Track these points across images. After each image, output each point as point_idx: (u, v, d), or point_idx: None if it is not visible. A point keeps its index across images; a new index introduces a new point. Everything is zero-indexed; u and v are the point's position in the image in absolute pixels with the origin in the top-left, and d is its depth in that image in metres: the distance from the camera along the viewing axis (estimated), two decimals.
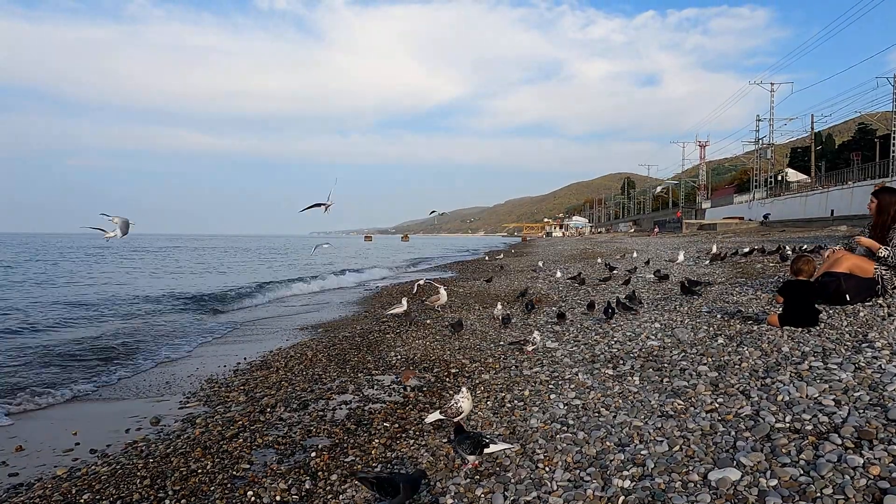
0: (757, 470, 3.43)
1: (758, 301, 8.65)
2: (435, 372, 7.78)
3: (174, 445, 5.64)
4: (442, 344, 9.57)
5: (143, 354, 10.74)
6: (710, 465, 3.61)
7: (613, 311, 9.24)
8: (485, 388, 6.57)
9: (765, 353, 5.65)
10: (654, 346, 6.85)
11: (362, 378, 7.83)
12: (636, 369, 6.07)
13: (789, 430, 3.85)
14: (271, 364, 9.17)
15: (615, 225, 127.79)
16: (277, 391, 7.47)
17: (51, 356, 10.44)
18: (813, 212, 47.96)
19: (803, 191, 56.74)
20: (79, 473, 5.12)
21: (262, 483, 4.65)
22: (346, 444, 5.39)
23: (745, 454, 3.61)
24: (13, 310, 16.95)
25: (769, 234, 31.09)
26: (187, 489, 4.64)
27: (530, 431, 4.87)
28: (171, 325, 14.55)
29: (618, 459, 3.98)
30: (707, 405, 4.61)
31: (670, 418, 4.51)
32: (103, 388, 8.50)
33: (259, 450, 5.42)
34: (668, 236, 49.82)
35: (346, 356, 9.26)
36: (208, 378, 8.65)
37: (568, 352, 7.54)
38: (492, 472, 4.21)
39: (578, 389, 5.77)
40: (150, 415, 6.92)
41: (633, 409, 4.89)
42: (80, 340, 11.99)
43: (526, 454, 4.41)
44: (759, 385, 4.79)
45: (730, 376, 5.17)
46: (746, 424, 4.07)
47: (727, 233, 40.68)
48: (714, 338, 6.65)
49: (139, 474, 4.94)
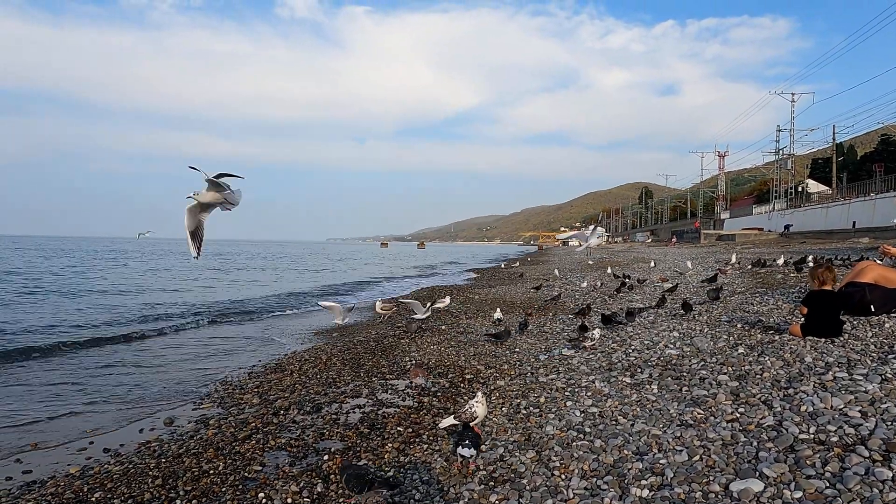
0: (781, 481, 3.32)
1: (779, 311, 8.49)
2: (450, 377, 7.71)
3: (187, 446, 5.62)
4: (457, 350, 9.49)
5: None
6: (732, 476, 3.51)
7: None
8: (500, 395, 6.49)
9: (787, 363, 5.52)
10: (672, 355, 6.73)
11: (376, 382, 7.78)
12: (654, 378, 5.96)
13: (814, 441, 3.74)
14: (286, 367, 9.16)
15: (632, 235, 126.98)
16: (291, 394, 7.44)
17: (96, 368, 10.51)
18: (834, 223, 47.27)
19: (824, 202, 56.01)
20: (91, 472, 5.12)
21: (273, 485, 4.61)
22: (359, 447, 5.34)
23: (768, 465, 3.50)
24: (90, 308, 17.15)
25: (789, 246, 30.68)
26: (199, 490, 4.61)
27: (546, 438, 4.78)
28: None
29: (636, 468, 3.89)
30: (728, 415, 4.49)
31: (690, 427, 4.41)
32: (119, 386, 8.54)
33: (271, 452, 5.39)
34: (685, 246, 49.38)
35: (360, 360, 9.22)
36: (222, 380, 8.65)
37: (584, 359, 7.44)
38: (506, 478, 4.14)
39: (595, 397, 5.67)
40: (164, 415, 6.92)
41: (651, 418, 4.79)
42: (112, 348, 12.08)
43: (542, 461, 4.32)
44: (782, 395, 4.67)
45: (751, 386, 5.05)
46: (769, 435, 3.96)
47: (746, 244, 40.22)
48: (734, 347, 6.52)
49: (151, 474, 4.92)
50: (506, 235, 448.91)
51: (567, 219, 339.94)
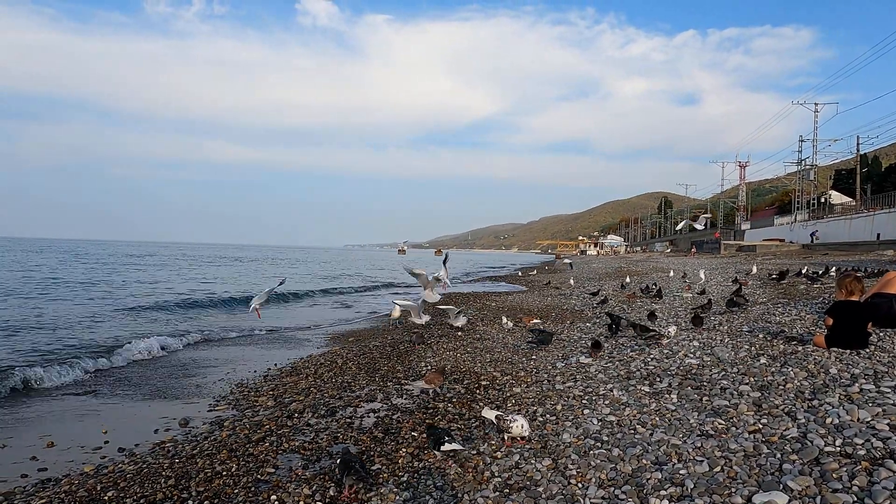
0: (806, 495, 3.22)
1: (802, 322, 8.33)
2: (465, 383, 7.64)
3: (200, 447, 5.61)
4: (473, 356, 9.42)
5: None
6: (755, 488, 3.40)
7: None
8: (516, 402, 6.41)
9: (811, 374, 5.38)
10: (692, 365, 6.60)
11: (391, 387, 7.74)
12: (674, 387, 5.84)
13: (840, 454, 3.63)
14: (301, 370, 9.15)
15: (651, 244, 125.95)
16: (306, 397, 7.42)
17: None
18: (858, 235, 46.48)
19: (848, 213, 55.12)
20: (105, 471, 5.12)
21: (286, 488, 4.57)
22: (373, 452, 5.28)
23: (793, 478, 3.40)
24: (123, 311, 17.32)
25: (811, 257, 30.21)
26: (211, 491, 4.58)
27: (563, 446, 4.70)
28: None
29: (655, 478, 3.79)
30: (750, 426, 4.38)
31: (710, 438, 4.30)
32: (135, 387, 8.57)
33: (285, 454, 5.35)
34: (705, 257, 48.85)
35: (376, 365, 9.18)
36: (238, 382, 8.66)
37: (602, 367, 7.34)
38: (521, 486, 4.06)
39: (613, 405, 5.57)
40: (179, 416, 6.92)
41: (670, 427, 4.68)
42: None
43: (558, 469, 4.24)
44: (806, 407, 4.55)
45: (774, 397, 4.93)
46: (793, 447, 3.85)
47: (767, 255, 39.67)
48: (756, 357, 6.38)
49: (164, 474, 4.91)
50: (523, 244, 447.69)
51: (585, 227, 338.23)
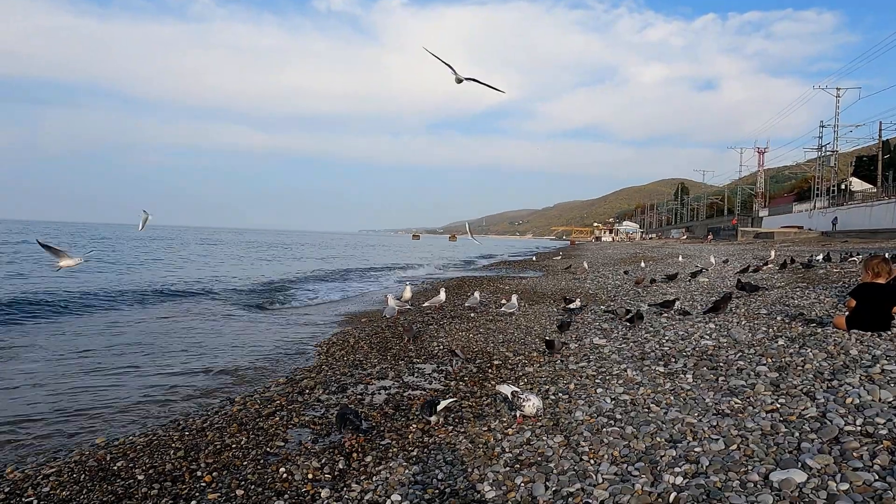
0: (825, 473, 3.13)
1: (821, 305, 8.17)
2: (478, 363, 7.59)
3: (211, 420, 5.61)
4: (485, 336, 9.37)
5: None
6: (772, 466, 3.32)
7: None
8: (528, 381, 6.35)
9: (831, 355, 5.27)
10: (708, 346, 6.50)
11: (403, 366, 7.70)
12: (689, 367, 5.75)
13: (861, 433, 3.53)
14: (313, 349, 9.14)
15: (667, 231, 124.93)
16: (317, 374, 7.41)
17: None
18: (879, 222, 45.70)
19: (869, 200, 54.20)
20: (116, 442, 5.13)
21: (295, 461, 4.55)
22: (384, 427, 5.26)
23: (811, 456, 3.31)
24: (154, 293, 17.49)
25: (830, 245, 29.75)
26: (220, 462, 4.58)
27: (575, 424, 4.63)
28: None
29: (669, 456, 3.71)
30: (767, 405, 4.28)
31: (727, 417, 4.21)
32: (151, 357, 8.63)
33: (295, 429, 5.34)
34: (722, 244, 48.36)
35: (387, 345, 9.15)
36: (251, 359, 8.68)
37: (616, 348, 7.25)
38: (533, 461, 4.00)
39: (627, 385, 5.49)
40: (191, 391, 6.94)
41: (685, 406, 4.59)
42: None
43: (570, 446, 4.18)
44: (826, 387, 4.45)
45: (792, 377, 4.82)
46: (812, 426, 3.75)
47: (785, 242, 39.17)
48: (774, 339, 6.27)
49: (174, 446, 4.91)
50: (538, 230, 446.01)
51: (600, 214, 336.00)
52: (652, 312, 9.49)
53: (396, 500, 3.79)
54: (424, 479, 4.05)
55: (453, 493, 3.75)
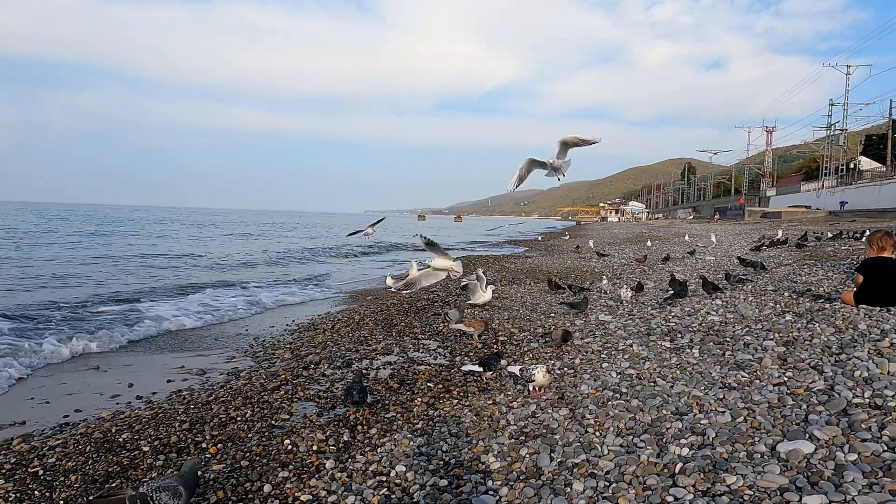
0: (833, 444, 3.10)
1: (829, 281, 8.11)
2: (483, 339, 7.58)
3: (216, 394, 5.62)
4: (491, 314, 9.35)
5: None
6: (779, 437, 3.29)
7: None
8: (533, 356, 6.34)
9: (839, 329, 5.22)
10: (715, 321, 6.46)
11: (408, 342, 7.70)
12: (695, 342, 5.71)
13: (869, 405, 3.49)
14: (318, 325, 9.16)
15: (673, 211, 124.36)
16: (322, 350, 7.42)
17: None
18: (888, 202, 45.33)
19: (878, 180, 53.72)
20: (122, 416, 5.15)
21: (300, 433, 4.56)
22: (388, 401, 5.26)
23: (819, 428, 3.28)
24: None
25: (838, 224, 29.56)
26: (225, 434, 4.58)
27: (580, 397, 4.62)
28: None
29: (675, 427, 3.69)
30: (774, 379, 4.25)
31: (733, 390, 4.18)
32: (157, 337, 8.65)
33: (300, 402, 5.35)
34: (728, 223, 48.15)
35: (392, 321, 9.15)
36: (256, 335, 8.70)
37: (622, 324, 7.22)
38: (538, 433, 3.99)
39: (633, 360, 5.46)
40: (196, 367, 6.95)
41: (691, 380, 4.57)
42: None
43: (575, 418, 4.16)
44: (834, 361, 4.40)
45: (799, 351, 4.78)
46: (819, 399, 3.72)
47: (792, 221, 38.94)
48: (781, 314, 6.22)
49: (179, 419, 4.92)
50: (544, 210, 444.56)
51: (606, 194, 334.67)
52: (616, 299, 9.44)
53: (401, 470, 3.79)
54: (429, 451, 4.04)
55: (458, 464, 3.74)
